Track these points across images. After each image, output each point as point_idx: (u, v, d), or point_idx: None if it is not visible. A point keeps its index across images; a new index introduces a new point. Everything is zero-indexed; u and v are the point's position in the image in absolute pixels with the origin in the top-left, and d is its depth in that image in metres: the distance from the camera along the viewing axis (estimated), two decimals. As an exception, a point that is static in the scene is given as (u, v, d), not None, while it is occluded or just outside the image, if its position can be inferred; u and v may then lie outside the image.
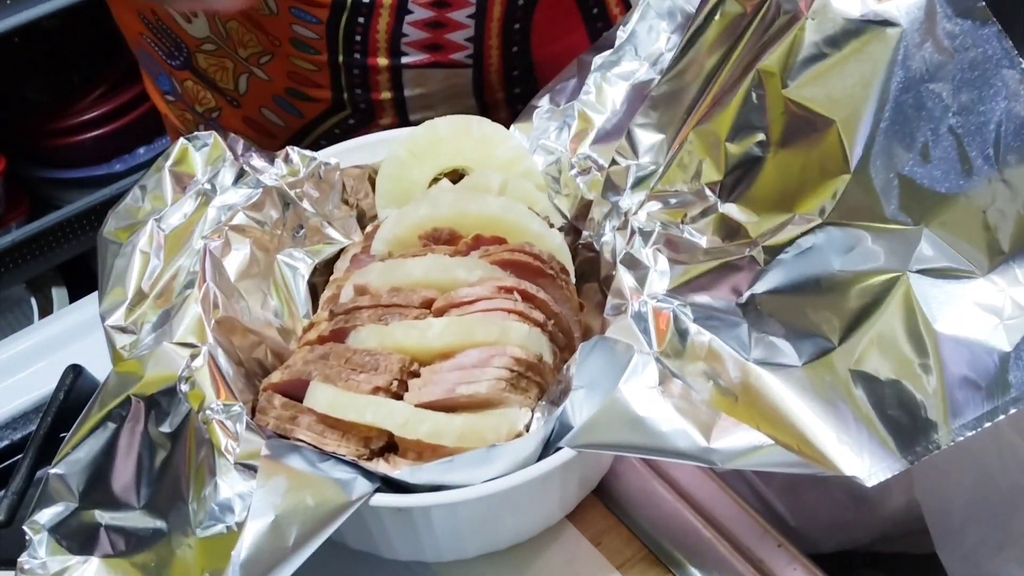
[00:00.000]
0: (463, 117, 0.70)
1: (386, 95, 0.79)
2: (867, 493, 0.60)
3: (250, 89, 0.84)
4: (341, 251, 0.67)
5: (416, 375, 0.56)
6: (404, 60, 0.77)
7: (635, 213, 0.62)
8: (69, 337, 0.73)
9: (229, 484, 0.51)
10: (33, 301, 1.50)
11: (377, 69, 0.79)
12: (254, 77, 0.82)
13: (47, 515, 0.54)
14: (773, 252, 0.54)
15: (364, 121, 0.81)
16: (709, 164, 0.58)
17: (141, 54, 0.90)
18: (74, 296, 1.50)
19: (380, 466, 0.54)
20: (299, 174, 0.66)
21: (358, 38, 0.77)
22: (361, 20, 0.76)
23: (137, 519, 0.53)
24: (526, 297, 0.58)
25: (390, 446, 0.55)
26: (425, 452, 0.54)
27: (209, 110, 0.88)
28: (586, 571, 0.59)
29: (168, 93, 0.90)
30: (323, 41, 0.77)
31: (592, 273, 0.64)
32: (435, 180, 0.69)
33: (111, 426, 0.55)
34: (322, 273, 0.66)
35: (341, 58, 0.78)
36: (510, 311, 0.57)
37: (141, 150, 1.54)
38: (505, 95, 0.82)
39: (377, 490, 0.53)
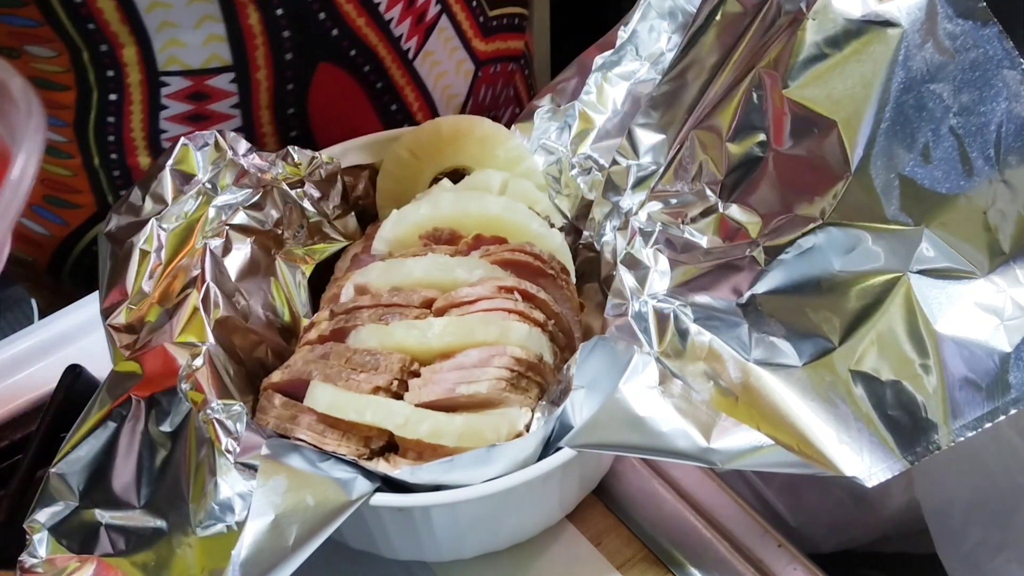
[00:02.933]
0: (464, 117, 0.70)
1: None
2: (867, 493, 0.60)
3: None
4: (342, 251, 0.67)
5: (416, 375, 0.56)
6: None
7: (636, 213, 0.62)
8: (69, 337, 0.73)
9: (229, 483, 0.51)
10: (33, 301, 1.50)
11: (139, 169, 0.73)
12: None
13: (47, 514, 0.53)
14: (774, 252, 0.54)
15: None
16: (710, 164, 0.58)
17: None
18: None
19: (380, 466, 0.54)
20: (300, 173, 0.66)
21: (111, 138, 0.71)
22: (111, 120, 0.71)
23: (137, 518, 0.53)
24: (526, 297, 0.58)
25: (390, 446, 0.55)
26: (425, 452, 0.54)
27: None
28: (586, 571, 0.59)
29: None
30: (74, 144, 0.72)
31: (592, 273, 0.64)
32: (436, 179, 0.69)
33: (111, 425, 0.55)
34: (323, 273, 0.66)
35: (97, 160, 0.72)
36: (510, 311, 0.57)
37: None
38: None
39: (377, 490, 0.53)
